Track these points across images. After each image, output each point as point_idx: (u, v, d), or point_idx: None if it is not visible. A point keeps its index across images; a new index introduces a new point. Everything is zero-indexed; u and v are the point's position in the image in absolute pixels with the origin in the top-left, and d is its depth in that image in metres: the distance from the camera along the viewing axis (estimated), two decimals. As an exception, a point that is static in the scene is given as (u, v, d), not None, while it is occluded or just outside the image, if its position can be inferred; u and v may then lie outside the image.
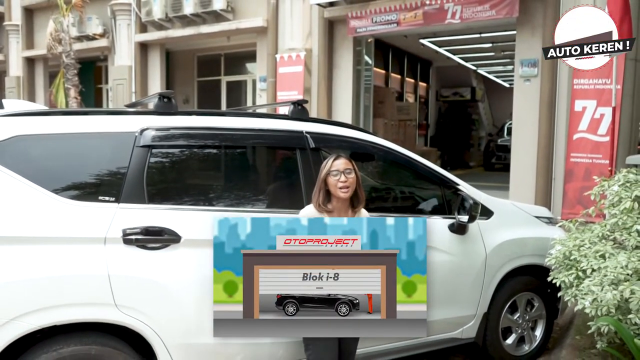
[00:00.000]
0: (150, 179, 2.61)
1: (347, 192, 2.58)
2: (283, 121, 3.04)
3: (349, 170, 2.63)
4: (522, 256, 3.61)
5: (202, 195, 2.78)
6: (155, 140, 2.65)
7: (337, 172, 2.60)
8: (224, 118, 2.90)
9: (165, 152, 2.71)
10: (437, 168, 3.42)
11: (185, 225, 2.59)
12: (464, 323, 3.40)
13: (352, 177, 2.62)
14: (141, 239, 2.49)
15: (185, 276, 2.56)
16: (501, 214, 3.58)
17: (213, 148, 2.83)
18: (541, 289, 3.73)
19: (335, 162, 2.65)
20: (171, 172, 2.75)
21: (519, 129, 8.02)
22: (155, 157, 2.64)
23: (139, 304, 2.48)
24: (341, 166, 2.63)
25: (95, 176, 2.56)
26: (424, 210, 3.46)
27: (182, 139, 2.73)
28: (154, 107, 2.76)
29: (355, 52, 9.73)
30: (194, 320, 2.59)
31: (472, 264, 3.37)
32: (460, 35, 11.09)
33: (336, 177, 2.60)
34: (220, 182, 2.91)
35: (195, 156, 2.81)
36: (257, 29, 10.25)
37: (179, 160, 2.77)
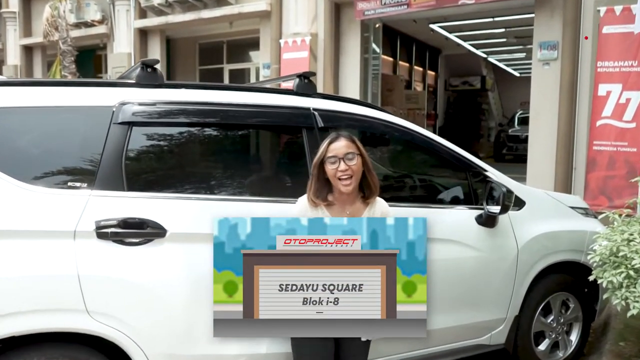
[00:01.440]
0: (130, 162, 2.21)
1: (349, 184, 2.07)
2: (287, 96, 2.62)
3: (351, 154, 2.09)
4: (557, 252, 3.19)
5: (192, 182, 2.38)
6: (137, 116, 2.24)
7: (335, 158, 2.08)
8: (218, 92, 2.48)
9: (149, 130, 2.31)
10: (462, 151, 3.00)
11: (172, 216, 2.20)
12: (492, 327, 3.00)
13: (355, 164, 2.08)
14: (118, 232, 2.10)
15: (171, 276, 2.17)
16: (534, 204, 3.16)
17: (205, 127, 2.42)
18: (577, 289, 3.32)
19: (332, 145, 2.11)
20: (155, 154, 2.34)
21: (536, 116, 7.57)
22: (136, 136, 2.24)
23: (115, 309, 2.09)
24: (340, 150, 2.09)
25: (63, 158, 2.16)
26: (444, 200, 3.06)
27: (168, 116, 2.32)
28: (135, 78, 2.35)
29: (363, 38, 9.29)
30: (182, 327, 2.20)
31: (503, 261, 2.96)
32: (472, 19, 10.59)
33: (334, 164, 2.08)
34: (214, 166, 2.50)
35: (184, 136, 2.40)
36: (260, 13, 9.81)
37: (164, 140, 2.36)
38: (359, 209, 2.17)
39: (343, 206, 2.16)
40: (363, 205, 2.18)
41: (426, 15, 9.75)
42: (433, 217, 2.78)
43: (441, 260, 2.73)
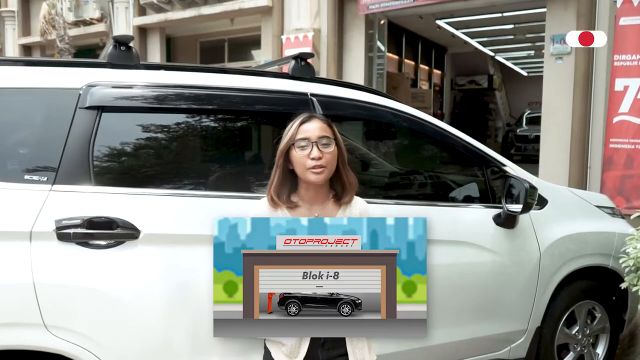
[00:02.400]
0: (99, 152, 1.92)
1: (320, 173, 1.67)
2: (282, 80, 2.32)
3: (326, 139, 1.70)
4: (583, 255, 2.88)
5: (171, 177, 2.08)
6: (107, 100, 1.95)
7: (307, 142, 1.69)
8: (202, 74, 2.19)
9: (121, 116, 2.01)
10: (478, 144, 2.70)
11: (147, 215, 1.90)
12: (511, 340, 2.69)
13: (330, 152, 1.70)
14: (82, 233, 1.80)
15: (146, 284, 1.88)
16: (557, 203, 2.85)
17: (187, 113, 2.12)
18: (604, 296, 3.00)
19: (303, 126, 1.71)
20: (129, 144, 2.04)
21: (549, 113, 7.25)
22: (106, 123, 1.94)
23: (79, 323, 1.80)
24: (313, 132, 1.69)
25: (19, 148, 1.88)
26: (458, 198, 2.75)
27: (144, 100, 2.03)
28: (107, 58, 2.06)
29: (368, 35, 8.99)
30: (159, 343, 1.90)
31: (523, 266, 2.66)
32: (479, 14, 10.26)
33: (304, 150, 1.68)
34: (195, 159, 2.20)
35: (163, 124, 2.10)
36: (262, 9, 9.53)
37: (139, 128, 2.07)
38: (331, 211, 1.77)
39: (310, 207, 1.75)
40: (335, 206, 1.77)
41: (432, 10, 9.44)
42: (444, 216, 2.51)
43: (455, 264, 2.44)
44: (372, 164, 2.84)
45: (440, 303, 2.40)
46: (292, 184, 1.75)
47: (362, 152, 2.78)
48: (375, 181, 2.75)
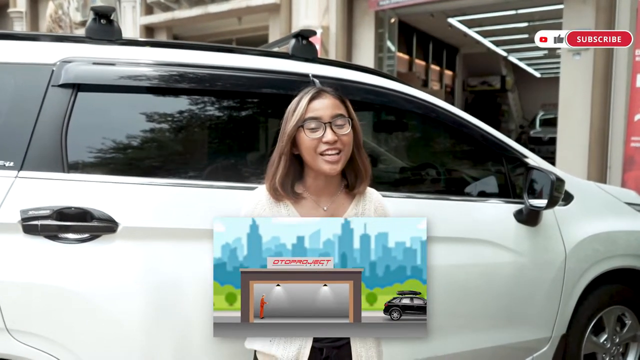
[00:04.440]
0: (74, 135, 1.71)
1: (336, 161, 1.44)
2: (281, 60, 2.11)
3: (341, 119, 1.45)
4: (612, 257, 2.63)
5: (154, 164, 1.87)
6: (84, 78, 1.74)
7: (318, 123, 1.44)
8: (191, 52, 1.97)
9: (100, 96, 1.80)
10: (498, 134, 2.46)
11: (126, 206, 1.69)
12: (535, 349, 2.45)
13: (346, 134, 1.45)
14: (51, 225, 1.59)
15: (124, 284, 1.66)
16: (584, 199, 2.61)
17: (173, 94, 1.91)
18: (635, 302, 2.75)
19: (314, 102, 1.45)
20: (108, 126, 1.83)
21: (566, 111, 6.99)
22: (83, 103, 1.74)
23: (46, 327, 1.59)
24: (326, 111, 1.44)
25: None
26: (473, 192, 2.52)
27: (126, 79, 1.82)
28: (85, 32, 1.86)
29: (377, 34, 8.79)
30: (139, 350, 1.69)
31: (547, 267, 2.42)
32: (492, 11, 9.99)
33: (315, 132, 1.44)
34: (183, 144, 1.98)
35: (146, 104, 1.89)
36: (270, 7, 9.37)
37: (121, 110, 1.86)
38: (342, 205, 1.54)
39: (318, 199, 1.52)
40: (347, 199, 1.55)
41: (444, 7, 9.22)
42: (460, 211, 2.28)
43: (471, 265, 2.21)
44: (380, 155, 2.62)
45: (454, 308, 2.18)
46: (297, 172, 1.51)
47: (369, 141, 2.56)
48: (383, 173, 2.53)
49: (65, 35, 1.89)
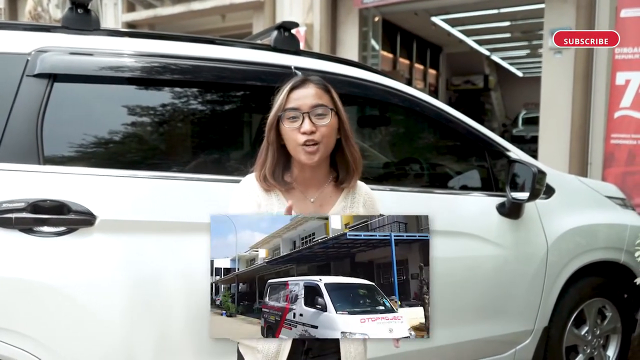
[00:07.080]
0: (50, 126, 1.67)
1: (313, 152, 1.40)
2: (263, 52, 2.08)
3: (321, 109, 1.41)
4: (593, 249, 2.66)
5: (134, 155, 1.84)
6: (61, 68, 1.70)
7: (297, 112, 1.41)
8: (172, 43, 1.94)
9: (77, 87, 1.77)
10: (480, 127, 2.47)
11: (105, 198, 1.66)
12: (517, 342, 2.47)
13: (326, 125, 1.41)
14: (26, 218, 1.55)
15: (103, 279, 1.63)
16: (565, 192, 2.63)
17: (152, 85, 1.88)
18: (615, 294, 2.78)
19: (295, 92, 1.43)
20: (85, 117, 1.79)
21: (548, 108, 7.05)
22: (59, 94, 1.70)
23: (22, 324, 1.55)
24: (305, 100, 1.41)
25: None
26: (458, 185, 2.53)
27: (104, 69, 1.78)
28: (62, 21, 1.82)
29: (362, 32, 8.78)
30: (119, 347, 1.66)
31: (530, 260, 2.43)
32: (475, 10, 10.06)
33: (294, 122, 1.41)
34: (162, 136, 1.95)
35: (125, 96, 1.85)
36: (254, 4, 9.30)
37: (98, 100, 1.82)
38: (330, 197, 1.51)
39: (305, 190, 1.49)
40: (336, 191, 1.52)
41: (427, 5, 9.25)
42: (442, 205, 2.28)
43: (454, 258, 2.21)
44: (364, 149, 2.61)
45: (438, 301, 2.17)
46: (286, 161, 1.49)
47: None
48: (367, 167, 2.52)
49: (40, 25, 1.85)
